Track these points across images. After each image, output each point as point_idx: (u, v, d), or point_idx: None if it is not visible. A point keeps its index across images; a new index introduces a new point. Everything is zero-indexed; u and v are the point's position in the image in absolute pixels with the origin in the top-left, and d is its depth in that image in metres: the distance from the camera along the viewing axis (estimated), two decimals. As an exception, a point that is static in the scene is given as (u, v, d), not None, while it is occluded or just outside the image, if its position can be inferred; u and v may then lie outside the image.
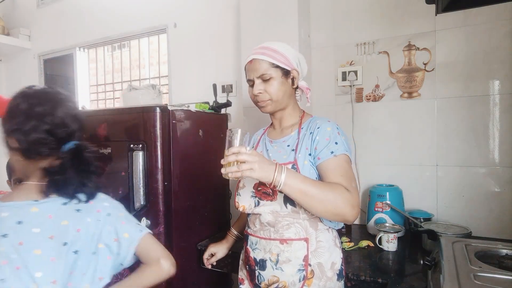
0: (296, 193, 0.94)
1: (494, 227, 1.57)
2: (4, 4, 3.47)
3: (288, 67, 1.13)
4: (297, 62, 1.15)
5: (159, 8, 2.51)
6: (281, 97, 1.13)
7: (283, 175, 0.92)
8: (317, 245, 1.06)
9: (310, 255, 1.05)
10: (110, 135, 1.65)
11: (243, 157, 0.90)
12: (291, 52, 1.14)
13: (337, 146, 1.03)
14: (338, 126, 1.10)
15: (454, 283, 0.83)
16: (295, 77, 1.15)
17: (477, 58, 1.60)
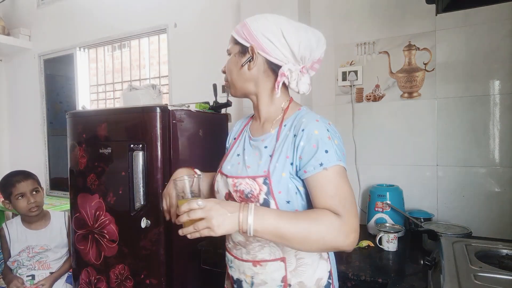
0: (271, 238, 0.78)
1: (495, 227, 1.57)
2: (4, 4, 3.47)
3: (247, 43, 0.91)
4: (269, 37, 0.89)
5: (159, 8, 2.51)
6: (235, 78, 0.95)
7: (250, 221, 0.75)
8: (298, 263, 0.91)
9: (289, 275, 0.90)
10: (110, 135, 1.65)
11: (197, 214, 0.75)
12: (262, 24, 0.91)
13: (327, 155, 0.82)
14: (329, 126, 0.88)
15: (455, 283, 0.83)
16: (254, 55, 0.91)
17: (478, 58, 1.60)
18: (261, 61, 0.92)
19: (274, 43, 0.89)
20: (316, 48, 0.91)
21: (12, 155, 3.61)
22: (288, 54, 0.90)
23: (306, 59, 0.92)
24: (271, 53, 0.90)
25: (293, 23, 0.93)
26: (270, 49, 0.90)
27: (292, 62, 0.91)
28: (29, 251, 1.72)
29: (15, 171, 1.80)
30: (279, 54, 0.90)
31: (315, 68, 0.96)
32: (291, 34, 0.89)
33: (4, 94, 3.62)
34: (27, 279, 1.70)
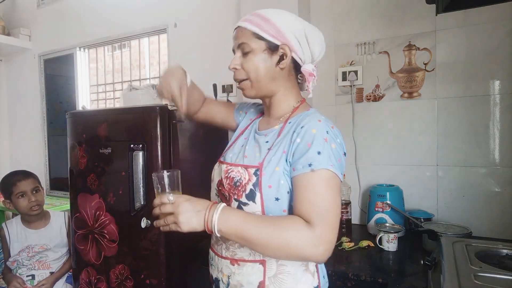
0: (236, 239, 0.77)
1: (495, 227, 1.57)
2: (4, 4, 3.47)
3: (278, 41, 0.88)
4: (297, 36, 0.88)
5: (159, 8, 2.51)
6: (262, 77, 0.90)
7: (215, 220, 0.76)
8: (278, 270, 0.85)
9: (267, 281, 0.85)
10: (110, 135, 1.65)
11: (167, 209, 0.78)
12: (289, 22, 0.88)
13: (318, 157, 0.78)
14: (330, 129, 0.83)
15: (455, 283, 0.83)
16: (286, 54, 0.89)
17: (478, 58, 1.60)
18: (289, 60, 0.91)
19: (300, 42, 0.89)
20: (322, 48, 0.93)
21: (12, 155, 3.61)
22: (309, 53, 0.91)
23: (316, 58, 0.93)
24: (298, 53, 0.90)
25: (309, 24, 0.93)
26: (297, 49, 0.89)
27: (309, 61, 0.92)
28: (29, 250, 1.72)
29: (14, 171, 1.80)
30: (301, 54, 0.90)
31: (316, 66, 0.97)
32: (311, 34, 0.89)
33: (4, 94, 3.62)
34: (27, 279, 1.70)
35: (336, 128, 0.86)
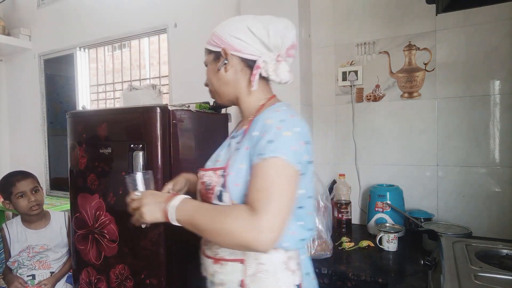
0: (191, 228, 0.80)
1: (495, 227, 1.57)
2: (4, 4, 3.47)
3: (219, 48, 0.92)
4: (238, 35, 0.90)
5: (159, 8, 2.51)
6: (217, 85, 0.95)
7: (172, 211, 0.81)
8: (257, 268, 0.85)
9: (247, 279, 0.85)
10: (111, 135, 1.65)
11: (134, 204, 0.86)
12: (228, 25, 0.93)
13: (269, 145, 0.77)
14: (289, 117, 0.83)
15: (455, 283, 0.83)
16: (226, 55, 0.92)
17: (478, 58, 1.60)
18: (236, 61, 0.92)
19: (244, 40, 0.89)
20: (286, 34, 0.91)
21: (12, 155, 3.61)
22: (260, 46, 0.90)
23: (279, 46, 0.90)
24: (243, 51, 0.90)
25: (258, 17, 0.93)
26: (241, 47, 0.90)
27: (266, 53, 0.90)
28: (29, 251, 1.72)
29: (13, 171, 1.80)
30: (251, 49, 0.90)
31: (291, 54, 0.95)
32: (257, 27, 0.89)
33: (4, 94, 3.62)
34: (28, 279, 1.69)
35: (297, 118, 0.85)
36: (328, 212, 1.49)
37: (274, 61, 0.90)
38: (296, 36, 0.94)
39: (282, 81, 0.92)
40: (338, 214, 1.72)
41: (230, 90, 0.96)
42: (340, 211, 1.71)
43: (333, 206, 1.70)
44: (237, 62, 0.92)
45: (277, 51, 0.91)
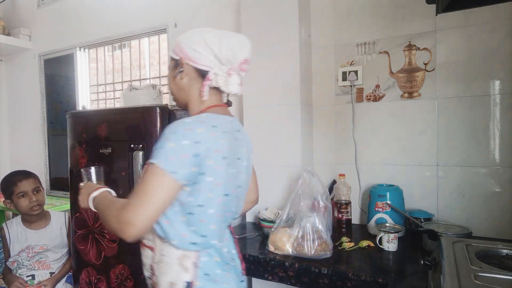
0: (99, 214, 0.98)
1: (495, 227, 1.57)
2: (4, 4, 3.47)
3: (178, 56, 1.01)
4: (195, 47, 0.97)
5: (159, 8, 2.51)
6: (173, 90, 1.06)
7: (90, 201, 1.01)
8: (160, 258, 0.97)
9: (154, 266, 0.99)
10: (111, 135, 1.66)
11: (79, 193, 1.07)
12: (189, 36, 1.00)
13: (154, 152, 0.88)
14: (182, 130, 0.89)
15: (455, 283, 0.83)
16: (182, 65, 0.99)
17: (478, 58, 1.60)
18: (190, 70, 1.00)
19: (199, 52, 0.97)
20: (238, 50, 0.98)
21: (12, 155, 3.61)
22: (213, 58, 0.97)
23: (231, 60, 0.98)
24: (198, 61, 0.98)
25: (216, 31, 1.00)
26: (196, 58, 0.98)
27: (218, 66, 0.98)
28: (29, 251, 1.72)
29: (15, 171, 1.80)
30: (205, 61, 0.97)
31: (244, 68, 1.02)
32: (212, 41, 0.96)
33: (4, 94, 3.62)
34: (27, 279, 1.70)
35: (194, 132, 0.89)
36: (328, 212, 1.49)
37: (225, 73, 0.98)
38: (250, 52, 1.02)
39: (231, 92, 1.01)
40: (338, 214, 1.72)
41: (184, 96, 1.04)
42: (340, 211, 1.71)
43: (333, 206, 1.70)
44: (192, 71, 1.00)
45: (230, 65, 0.98)
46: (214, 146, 0.91)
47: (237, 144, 1.03)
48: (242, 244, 1.61)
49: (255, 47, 1.90)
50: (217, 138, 0.93)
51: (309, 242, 1.38)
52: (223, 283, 0.99)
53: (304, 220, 1.43)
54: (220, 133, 0.94)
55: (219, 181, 0.93)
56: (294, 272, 1.35)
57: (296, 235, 1.42)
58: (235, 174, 1.01)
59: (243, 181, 1.08)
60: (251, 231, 1.79)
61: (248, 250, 1.52)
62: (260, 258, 1.43)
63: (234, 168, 1.00)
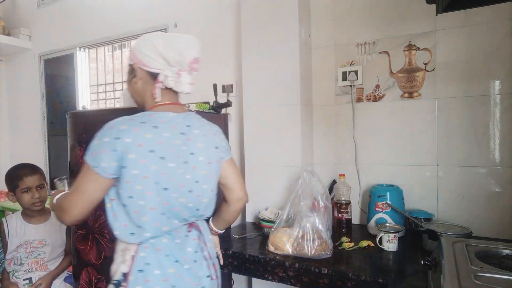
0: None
1: (495, 227, 1.57)
2: (4, 4, 3.48)
3: (132, 61, 1.09)
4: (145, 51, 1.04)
5: (159, 8, 2.51)
6: (133, 96, 1.15)
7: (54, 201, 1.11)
8: (117, 247, 1.10)
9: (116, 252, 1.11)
10: (111, 135, 1.65)
11: None
12: (140, 42, 1.07)
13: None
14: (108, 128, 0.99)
15: (455, 283, 0.83)
16: (134, 70, 1.08)
17: (478, 58, 1.60)
18: (143, 74, 1.07)
19: (149, 56, 1.04)
20: (185, 51, 1.04)
21: (12, 155, 3.61)
22: (162, 61, 1.03)
23: (179, 62, 1.04)
24: (149, 65, 1.05)
25: (166, 35, 1.07)
26: (147, 62, 1.05)
27: (167, 68, 1.04)
28: (27, 246, 1.72)
29: (22, 164, 1.81)
30: (155, 64, 1.04)
31: (194, 68, 1.07)
32: (160, 44, 1.03)
33: (4, 94, 3.62)
34: (24, 283, 1.70)
35: (116, 129, 0.97)
36: (328, 212, 1.49)
37: (175, 74, 1.05)
38: (198, 52, 1.08)
39: (183, 92, 1.08)
40: (338, 214, 1.72)
41: (140, 98, 1.12)
42: (340, 211, 1.71)
43: (333, 206, 1.70)
44: (144, 75, 1.07)
45: (179, 66, 1.04)
46: (136, 141, 0.96)
47: (185, 139, 1.05)
48: (242, 244, 1.61)
49: (255, 47, 1.91)
50: (141, 133, 0.97)
51: (309, 242, 1.38)
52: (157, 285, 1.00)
53: (304, 220, 1.43)
54: (149, 128, 0.99)
55: (146, 173, 0.97)
56: (294, 272, 1.35)
57: (296, 235, 1.42)
58: (174, 168, 1.02)
59: (200, 176, 1.07)
60: (251, 231, 1.79)
61: (248, 250, 1.52)
62: (260, 258, 1.43)
63: (174, 162, 1.02)
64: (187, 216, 1.08)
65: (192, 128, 1.09)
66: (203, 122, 1.16)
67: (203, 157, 1.09)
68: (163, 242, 1.03)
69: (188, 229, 1.10)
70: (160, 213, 1.01)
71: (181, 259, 1.05)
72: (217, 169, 1.15)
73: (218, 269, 1.18)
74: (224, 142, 1.20)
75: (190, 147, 1.06)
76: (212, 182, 1.13)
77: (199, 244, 1.11)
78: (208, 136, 1.13)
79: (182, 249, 1.06)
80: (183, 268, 1.05)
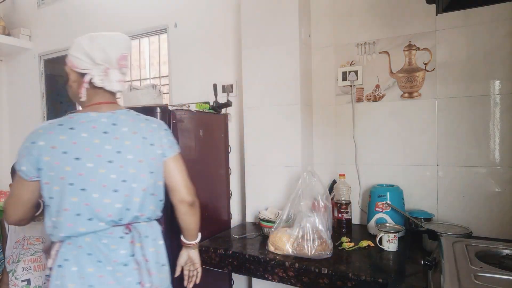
0: None
1: (495, 227, 1.57)
2: (4, 4, 3.48)
3: (66, 64, 1.12)
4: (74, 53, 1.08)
5: (159, 8, 2.51)
6: (74, 99, 1.15)
7: None
8: None
9: None
10: (111, 135, 1.65)
11: None
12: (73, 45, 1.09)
13: None
14: (29, 133, 1.04)
15: (455, 283, 0.83)
16: (68, 73, 1.12)
17: (478, 58, 1.60)
18: (76, 76, 1.09)
19: (78, 57, 1.06)
20: (109, 48, 1.06)
21: (13, 155, 3.61)
22: (89, 60, 1.05)
23: (105, 60, 1.05)
24: (78, 66, 1.07)
25: (94, 35, 1.08)
26: (77, 63, 1.07)
27: (95, 67, 1.06)
28: (24, 242, 1.72)
29: None
30: (84, 64, 1.06)
31: (123, 65, 1.09)
32: (87, 44, 1.05)
33: (4, 94, 3.62)
34: (23, 285, 1.70)
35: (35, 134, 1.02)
36: (328, 212, 1.49)
37: (103, 72, 1.06)
38: (125, 48, 1.10)
39: (113, 90, 1.09)
40: (338, 214, 1.72)
41: (77, 100, 1.13)
42: (340, 211, 1.71)
43: (333, 206, 1.70)
44: (76, 76, 1.09)
45: (106, 64, 1.06)
46: (49, 143, 1.00)
47: (110, 137, 1.05)
48: (242, 244, 1.61)
49: (255, 47, 1.91)
50: (55, 135, 1.01)
51: (309, 242, 1.38)
52: (71, 282, 1.00)
53: (304, 220, 1.43)
54: (64, 130, 1.02)
55: (62, 175, 1.00)
56: (294, 272, 1.35)
57: (296, 235, 1.42)
58: (93, 168, 1.01)
59: (128, 175, 1.05)
60: (251, 231, 1.80)
61: (248, 250, 1.52)
62: (260, 258, 1.43)
63: (93, 162, 1.02)
64: (115, 217, 1.05)
65: (119, 126, 1.08)
66: (138, 119, 1.14)
67: (132, 155, 1.06)
68: (85, 241, 1.03)
69: (125, 230, 1.07)
70: (75, 214, 1.01)
71: (106, 260, 1.03)
72: (153, 167, 1.11)
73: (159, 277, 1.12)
74: (165, 138, 1.16)
75: (117, 146, 1.05)
76: (144, 181, 1.08)
77: (135, 247, 1.07)
78: (141, 133, 1.10)
79: (114, 250, 1.04)
80: (105, 269, 1.02)
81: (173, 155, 1.18)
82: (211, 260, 1.57)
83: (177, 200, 1.19)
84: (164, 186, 1.18)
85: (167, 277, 1.18)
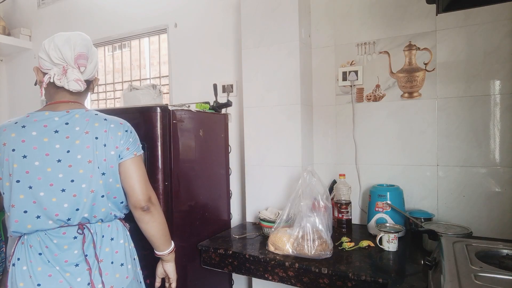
0: None
1: (495, 227, 1.57)
2: (5, 4, 3.48)
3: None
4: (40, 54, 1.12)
5: (159, 8, 2.51)
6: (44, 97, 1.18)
7: None
8: None
9: None
10: (111, 135, 1.65)
11: None
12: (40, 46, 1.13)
13: None
14: None
15: (455, 283, 0.83)
16: (36, 73, 1.17)
17: (478, 58, 1.60)
18: (41, 76, 1.13)
19: (41, 57, 1.11)
20: (64, 47, 1.07)
21: (13, 155, 3.61)
22: (48, 60, 1.09)
23: (62, 59, 1.07)
24: (42, 67, 1.12)
25: (55, 36, 1.10)
26: (41, 64, 1.12)
27: (54, 66, 1.09)
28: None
29: None
30: (46, 64, 1.10)
31: (81, 63, 1.10)
32: (47, 45, 1.09)
33: (4, 94, 3.62)
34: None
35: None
36: (328, 212, 1.49)
37: (61, 72, 1.08)
38: (82, 47, 1.10)
39: (70, 89, 1.08)
40: (338, 214, 1.72)
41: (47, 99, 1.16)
42: (340, 211, 1.71)
43: (333, 206, 1.70)
44: (42, 76, 1.13)
45: (63, 63, 1.08)
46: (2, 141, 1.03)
47: (60, 136, 1.06)
48: (242, 244, 1.61)
49: (255, 47, 1.91)
50: (8, 133, 1.04)
51: (309, 242, 1.38)
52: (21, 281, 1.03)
53: (304, 220, 1.43)
54: (17, 128, 1.05)
55: (11, 171, 1.01)
56: (294, 272, 1.35)
57: (296, 235, 1.42)
58: (40, 167, 1.02)
59: (76, 175, 1.04)
60: (251, 231, 1.80)
61: (248, 250, 1.52)
62: (260, 258, 1.43)
63: (40, 161, 1.02)
64: (63, 217, 1.04)
65: (72, 125, 1.07)
66: (94, 118, 1.10)
67: (81, 155, 1.05)
68: (36, 240, 1.04)
69: (79, 230, 1.06)
70: (22, 211, 1.02)
71: (55, 260, 1.03)
72: (105, 168, 1.07)
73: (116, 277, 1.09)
74: (122, 140, 1.10)
75: (66, 145, 1.04)
76: (92, 182, 1.06)
77: (88, 248, 1.06)
78: (93, 133, 1.07)
79: (65, 250, 1.04)
80: (54, 269, 1.02)
81: (130, 157, 1.11)
82: (211, 260, 1.57)
83: (131, 205, 1.14)
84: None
85: (127, 276, 1.13)
